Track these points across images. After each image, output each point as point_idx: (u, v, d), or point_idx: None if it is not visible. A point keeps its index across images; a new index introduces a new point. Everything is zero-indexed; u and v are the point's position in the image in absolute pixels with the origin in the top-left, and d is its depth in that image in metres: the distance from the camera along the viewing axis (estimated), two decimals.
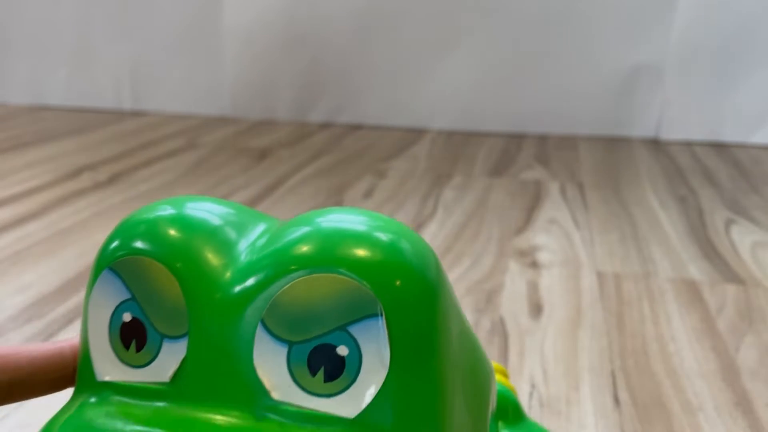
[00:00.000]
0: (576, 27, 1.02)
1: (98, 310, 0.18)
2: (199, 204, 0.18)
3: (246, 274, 0.16)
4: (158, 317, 0.17)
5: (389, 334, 0.16)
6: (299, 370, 0.16)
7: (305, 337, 0.16)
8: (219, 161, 0.89)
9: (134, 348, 0.17)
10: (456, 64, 1.08)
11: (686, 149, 0.97)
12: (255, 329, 0.16)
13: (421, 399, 0.16)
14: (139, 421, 0.16)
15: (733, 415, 0.34)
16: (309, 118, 1.16)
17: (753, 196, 0.74)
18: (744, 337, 0.43)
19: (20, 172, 0.83)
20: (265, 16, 1.12)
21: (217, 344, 0.16)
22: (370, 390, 0.16)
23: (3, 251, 0.56)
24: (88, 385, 0.18)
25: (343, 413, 0.16)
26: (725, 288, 0.50)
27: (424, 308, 0.16)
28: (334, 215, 0.17)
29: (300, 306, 0.16)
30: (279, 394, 0.16)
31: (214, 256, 0.17)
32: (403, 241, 0.16)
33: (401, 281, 0.16)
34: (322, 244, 0.16)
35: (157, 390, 0.17)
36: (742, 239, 0.60)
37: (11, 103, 1.33)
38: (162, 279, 0.17)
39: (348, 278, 0.16)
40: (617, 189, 0.77)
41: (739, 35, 0.96)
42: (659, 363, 0.40)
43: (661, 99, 1.02)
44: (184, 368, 0.17)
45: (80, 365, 0.18)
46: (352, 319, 0.16)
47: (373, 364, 0.16)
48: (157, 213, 0.18)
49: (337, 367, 0.16)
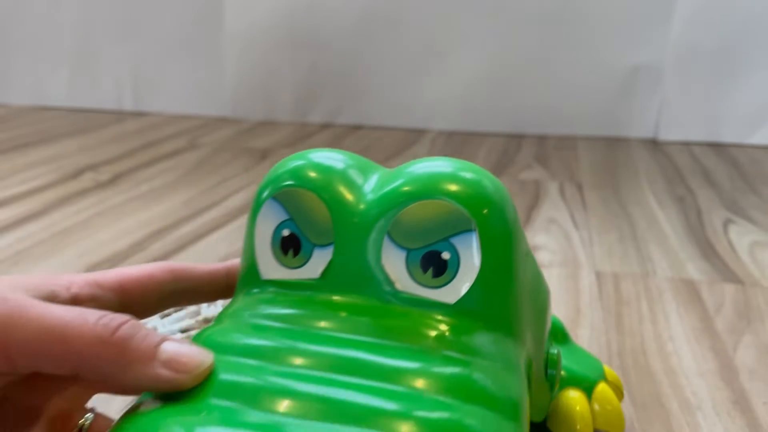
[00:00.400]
0: (575, 28, 1.02)
1: (263, 228, 0.25)
2: (333, 154, 0.25)
3: (375, 202, 0.23)
4: (310, 232, 0.24)
5: (480, 244, 0.22)
6: (414, 269, 0.22)
7: (419, 245, 0.22)
8: (220, 161, 0.89)
9: (291, 255, 0.24)
10: (455, 65, 1.08)
11: (685, 149, 0.98)
12: (383, 239, 0.23)
13: (501, 291, 0.23)
14: (292, 304, 0.23)
15: (732, 414, 0.35)
16: (309, 118, 1.16)
17: (751, 196, 0.75)
18: (742, 336, 0.43)
19: (22, 172, 0.83)
20: (266, 17, 1.12)
21: (354, 250, 0.23)
22: (465, 284, 0.22)
23: (5, 251, 0.57)
24: (251, 283, 0.24)
25: (446, 300, 0.22)
26: (723, 287, 0.50)
27: (502, 227, 0.23)
28: (436, 162, 0.24)
29: (416, 223, 0.22)
30: (400, 285, 0.23)
31: (348, 190, 0.24)
32: (485, 179, 0.23)
33: (488, 209, 0.22)
34: (430, 180, 0.23)
35: (308, 284, 0.23)
36: (741, 239, 0.61)
37: (13, 104, 1.33)
38: (314, 204, 0.24)
39: (450, 204, 0.22)
40: (616, 189, 0.77)
41: (738, 36, 0.96)
42: (658, 362, 0.40)
43: (660, 99, 1.02)
44: (330, 267, 0.23)
45: (246, 270, 0.25)
46: (453, 232, 0.22)
47: (468, 265, 0.22)
48: (307, 158, 0.25)
49: (441, 267, 0.22)
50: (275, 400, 0.18)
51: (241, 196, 0.74)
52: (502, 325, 0.23)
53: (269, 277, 0.24)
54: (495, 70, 1.07)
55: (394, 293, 0.23)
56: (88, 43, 1.24)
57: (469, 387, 0.19)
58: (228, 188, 0.77)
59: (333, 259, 0.23)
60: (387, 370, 0.19)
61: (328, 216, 0.23)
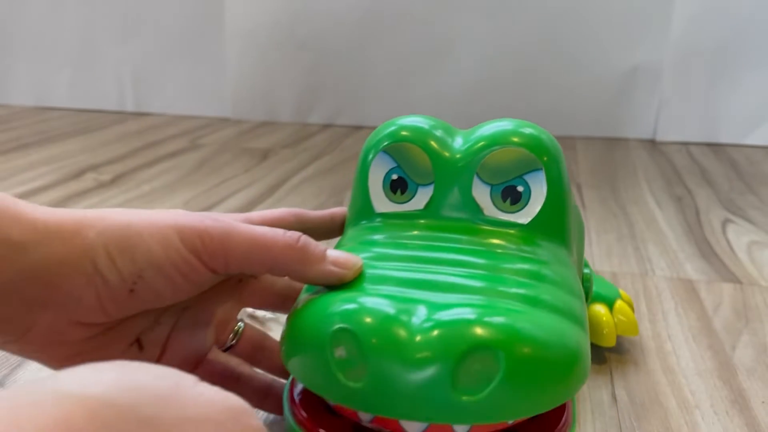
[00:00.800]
0: (574, 29, 1.03)
1: (376, 175, 0.32)
2: (422, 118, 0.33)
3: (464, 152, 0.31)
4: (414, 175, 0.32)
5: (546, 180, 0.30)
6: (496, 199, 0.31)
7: (500, 181, 0.31)
8: (221, 162, 0.90)
9: (399, 193, 0.32)
10: (455, 66, 1.08)
11: (683, 149, 0.98)
12: (472, 178, 0.31)
13: (558, 214, 0.31)
14: (402, 228, 0.31)
15: (730, 413, 0.35)
16: (310, 119, 1.17)
17: (749, 195, 0.75)
18: (740, 335, 0.43)
19: (24, 172, 0.83)
20: (267, 18, 1.12)
21: (451, 187, 0.31)
22: (535, 209, 0.30)
23: None
24: (364, 217, 0.32)
25: (520, 221, 0.30)
26: (722, 287, 0.51)
27: (559, 168, 0.31)
28: (503, 121, 0.31)
29: (496, 165, 0.30)
30: (486, 211, 0.31)
31: (441, 143, 0.31)
32: (543, 134, 0.31)
33: (547, 155, 0.30)
34: (504, 133, 0.31)
35: (414, 214, 0.31)
36: (739, 239, 0.61)
37: (15, 104, 1.33)
38: (417, 154, 0.31)
39: (524, 150, 0.30)
40: (615, 189, 0.78)
41: (735, 37, 0.96)
42: (656, 361, 0.40)
43: (659, 100, 1.03)
44: (432, 200, 0.31)
45: (359, 208, 0.32)
46: (526, 171, 0.30)
47: (537, 195, 0.30)
48: (405, 121, 0.32)
49: (517, 197, 0.30)
50: (408, 283, 0.26)
51: (241, 196, 0.74)
52: (559, 238, 0.31)
53: (381, 210, 0.32)
54: (494, 70, 1.07)
55: (482, 217, 0.31)
56: (90, 44, 1.24)
57: (539, 275, 0.27)
58: (229, 188, 0.77)
59: (434, 194, 0.31)
60: (480, 264, 0.27)
61: (429, 162, 0.31)
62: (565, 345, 0.24)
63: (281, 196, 0.74)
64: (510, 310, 0.24)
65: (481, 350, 0.22)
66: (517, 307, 0.24)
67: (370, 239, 0.30)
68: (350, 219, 0.33)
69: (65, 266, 0.24)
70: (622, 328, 0.40)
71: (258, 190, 0.77)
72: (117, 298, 0.25)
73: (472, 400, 0.22)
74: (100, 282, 0.24)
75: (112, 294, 0.24)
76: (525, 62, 1.06)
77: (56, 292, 0.24)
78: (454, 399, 0.22)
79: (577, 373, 0.24)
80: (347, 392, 0.23)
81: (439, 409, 0.23)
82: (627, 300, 0.42)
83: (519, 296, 0.25)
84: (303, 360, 0.25)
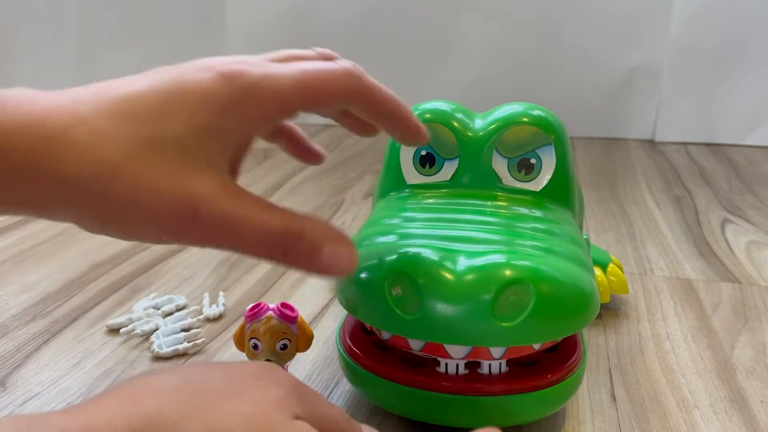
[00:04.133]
0: (573, 30, 1.03)
1: (407, 151, 0.38)
2: (443, 102, 0.38)
3: (484, 130, 0.36)
4: (441, 150, 0.37)
5: (555, 153, 0.36)
6: (513, 170, 0.36)
7: (515, 155, 0.36)
8: None
9: (428, 167, 0.37)
10: (454, 66, 1.08)
11: (682, 150, 0.98)
12: (492, 152, 0.36)
13: (564, 183, 0.36)
14: (429, 197, 0.36)
15: (729, 413, 0.35)
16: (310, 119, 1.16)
17: (748, 195, 0.75)
18: (739, 335, 0.43)
19: None
20: (267, 18, 1.12)
21: (474, 160, 0.36)
22: (546, 178, 0.36)
23: (8, 251, 0.57)
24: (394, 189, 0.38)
25: (533, 189, 0.36)
26: (721, 287, 0.51)
27: (564, 144, 0.36)
28: (515, 104, 0.37)
29: (513, 141, 0.36)
30: (504, 180, 0.36)
31: (463, 123, 0.37)
32: (550, 115, 0.36)
33: (554, 133, 0.36)
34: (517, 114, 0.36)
35: (441, 184, 0.37)
36: (738, 238, 0.61)
37: None
38: (443, 132, 0.37)
39: (536, 128, 0.36)
40: (614, 189, 0.78)
41: (734, 38, 0.97)
42: (655, 361, 0.40)
43: (658, 100, 1.03)
44: (457, 172, 0.37)
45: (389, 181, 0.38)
46: (537, 146, 0.36)
47: (547, 167, 0.36)
48: (430, 105, 0.37)
49: (530, 168, 0.36)
50: (444, 238, 0.30)
51: None
52: (565, 203, 0.36)
53: (412, 182, 0.37)
54: (493, 70, 1.07)
55: (500, 186, 0.36)
56: (92, 46, 1.24)
57: (551, 231, 0.32)
58: None
59: (459, 167, 0.36)
60: (500, 223, 0.32)
61: (454, 139, 0.36)
62: (579, 284, 0.29)
63: (282, 196, 0.74)
64: (533, 255, 0.29)
65: (516, 284, 0.27)
66: (537, 254, 0.29)
67: (404, 206, 0.35)
68: (380, 193, 0.39)
69: None
70: (615, 287, 0.45)
71: (258, 190, 0.77)
72: None
73: (508, 326, 0.27)
74: None
75: None
76: (524, 62, 1.06)
77: None
78: (493, 325, 0.27)
79: (590, 306, 0.29)
80: (404, 324, 0.28)
81: (481, 334, 0.28)
82: (617, 264, 0.48)
83: (535, 247, 0.30)
84: (364, 300, 0.30)
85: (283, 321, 0.32)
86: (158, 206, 0.22)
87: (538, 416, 0.32)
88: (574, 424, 0.34)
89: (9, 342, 0.42)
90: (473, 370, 0.31)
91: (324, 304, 0.47)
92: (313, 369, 0.39)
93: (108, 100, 0.23)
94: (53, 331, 0.43)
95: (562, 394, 0.31)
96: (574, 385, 0.32)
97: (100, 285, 0.50)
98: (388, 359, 0.32)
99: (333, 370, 0.39)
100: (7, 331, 0.43)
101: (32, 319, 0.45)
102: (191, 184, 0.22)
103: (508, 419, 0.31)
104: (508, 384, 0.30)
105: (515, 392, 0.30)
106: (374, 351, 0.33)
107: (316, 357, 0.40)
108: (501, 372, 0.30)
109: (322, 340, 0.42)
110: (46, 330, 0.43)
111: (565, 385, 0.31)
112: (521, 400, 0.30)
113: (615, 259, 0.48)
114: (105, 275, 0.52)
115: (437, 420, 0.31)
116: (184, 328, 0.43)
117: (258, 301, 0.33)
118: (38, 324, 0.44)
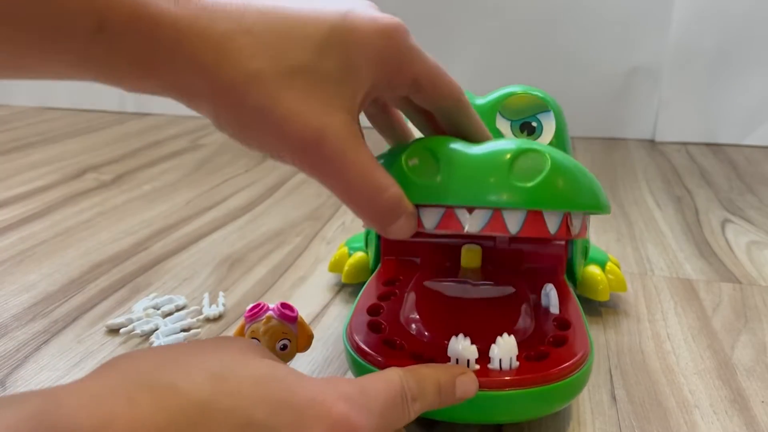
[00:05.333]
0: (573, 30, 1.03)
1: None
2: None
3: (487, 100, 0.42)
4: None
5: (554, 118, 0.41)
6: (516, 130, 0.42)
7: (518, 118, 0.42)
8: (221, 162, 0.90)
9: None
10: (453, 67, 1.08)
11: (682, 150, 0.98)
12: (495, 114, 0.42)
13: (562, 142, 0.41)
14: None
15: (729, 413, 0.35)
16: None
17: (748, 195, 0.75)
18: (739, 335, 0.43)
19: (25, 172, 0.83)
20: None
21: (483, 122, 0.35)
22: (547, 138, 0.41)
23: (8, 251, 0.57)
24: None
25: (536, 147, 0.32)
26: (721, 287, 0.51)
27: (560, 112, 0.42)
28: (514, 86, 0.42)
29: (515, 106, 0.42)
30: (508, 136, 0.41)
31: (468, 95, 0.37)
32: (548, 95, 0.42)
33: (553, 108, 0.41)
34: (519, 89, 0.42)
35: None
36: (738, 238, 0.61)
37: (16, 104, 1.33)
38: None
39: (537, 96, 0.42)
40: (614, 189, 0.78)
41: (734, 38, 0.97)
42: (655, 361, 0.40)
43: (658, 100, 1.03)
44: None
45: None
46: (539, 111, 0.42)
47: (548, 130, 0.41)
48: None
49: (532, 130, 0.42)
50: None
51: (242, 196, 0.74)
52: None
53: None
54: (493, 71, 1.07)
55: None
56: None
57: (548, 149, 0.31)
58: (229, 188, 0.77)
59: None
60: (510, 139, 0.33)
61: None
62: (588, 173, 0.31)
63: (282, 196, 0.74)
64: (541, 147, 0.30)
65: (532, 152, 0.28)
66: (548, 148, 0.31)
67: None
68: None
69: None
70: (613, 285, 0.47)
71: (258, 190, 0.77)
72: None
73: (525, 186, 0.28)
74: None
75: None
76: (524, 63, 1.06)
77: None
78: (511, 183, 0.28)
79: (600, 189, 0.31)
80: (422, 189, 0.29)
81: (499, 193, 0.28)
82: (615, 263, 0.49)
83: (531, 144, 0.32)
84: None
85: (282, 321, 0.32)
86: (291, 125, 0.25)
87: (545, 412, 0.32)
88: (575, 424, 0.34)
89: (9, 342, 0.42)
90: (483, 366, 0.31)
91: (324, 304, 0.47)
92: (314, 369, 0.39)
93: (273, 17, 0.25)
94: (53, 331, 0.43)
95: (570, 390, 0.31)
96: (582, 380, 0.32)
97: (99, 285, 0.50)
98: (397, 355, 0.32)
99: (333, 370, 0.39)
100: (7, 331, 0.43)
101: (32, 319, 0.45)
102: (325, 117, 0.25)
103: (516, 415, 0.31)
104: (517, 379, 0.30)
105: (524, 386, 0.30)
106: (383, 347, 0.33)
107: (316, 357, 0.40)
108: (511, 367, 0.31)
109: (322, 340, 0.42)
110: (45, 330, 0.43)
111: (572, 381, 0.31)
112: (529, 395, 0.30)
113: (613, 258, 0.49)
114: (105, 275, 0.52)
115: (446, 416, 0.31)
116: (184, 329, 0.43)
117: (258, 301, 0.33)
118: (38, 324, 0.44)
